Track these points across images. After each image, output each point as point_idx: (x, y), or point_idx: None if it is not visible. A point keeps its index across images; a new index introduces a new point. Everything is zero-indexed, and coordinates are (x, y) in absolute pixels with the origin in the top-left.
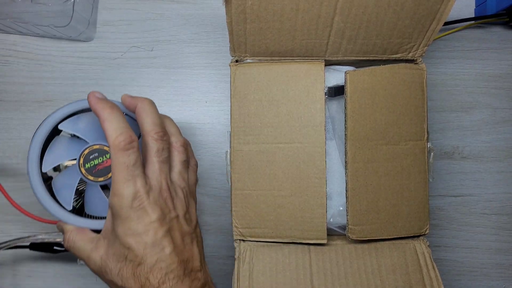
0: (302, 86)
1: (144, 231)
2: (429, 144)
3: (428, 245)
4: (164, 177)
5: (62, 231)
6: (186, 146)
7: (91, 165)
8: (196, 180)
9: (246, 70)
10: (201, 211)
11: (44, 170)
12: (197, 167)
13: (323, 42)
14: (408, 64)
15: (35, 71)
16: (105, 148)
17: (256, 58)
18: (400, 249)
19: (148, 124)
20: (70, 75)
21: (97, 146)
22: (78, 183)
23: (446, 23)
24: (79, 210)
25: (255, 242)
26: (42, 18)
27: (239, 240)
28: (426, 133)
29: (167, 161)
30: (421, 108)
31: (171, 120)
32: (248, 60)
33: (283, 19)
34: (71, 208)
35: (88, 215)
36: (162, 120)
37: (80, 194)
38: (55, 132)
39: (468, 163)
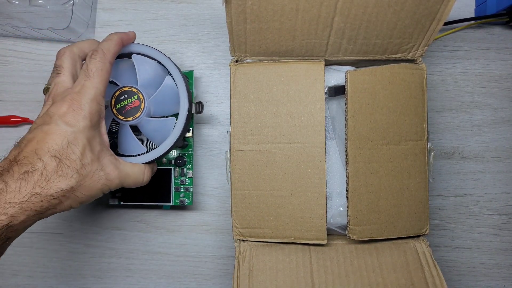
0: (302, 86)
1: None
2: (429, 144)
3: (429, 245)
4: None
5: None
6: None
7: (121, 105)
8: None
9: (246, 70)
10: (201, 211)
11: None
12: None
13: (323, 42)
14: (408, 64)
15: (35, 71)
16: (134, 89)
17: (256, 58)
18: (401, 249)
19: None
20: None
21: (127, 88)
22: (111, 124)
23: (446, 23)
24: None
25: (255, 242)
26: (41, 20)
27: (239, 240)
28: (426, 133)
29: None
30: (421, 108)
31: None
32: (248, 60)
33: (283, 19)
34: None
35: (120, 154)
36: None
37: (113, 134)
38: None
39: (468, 163)
